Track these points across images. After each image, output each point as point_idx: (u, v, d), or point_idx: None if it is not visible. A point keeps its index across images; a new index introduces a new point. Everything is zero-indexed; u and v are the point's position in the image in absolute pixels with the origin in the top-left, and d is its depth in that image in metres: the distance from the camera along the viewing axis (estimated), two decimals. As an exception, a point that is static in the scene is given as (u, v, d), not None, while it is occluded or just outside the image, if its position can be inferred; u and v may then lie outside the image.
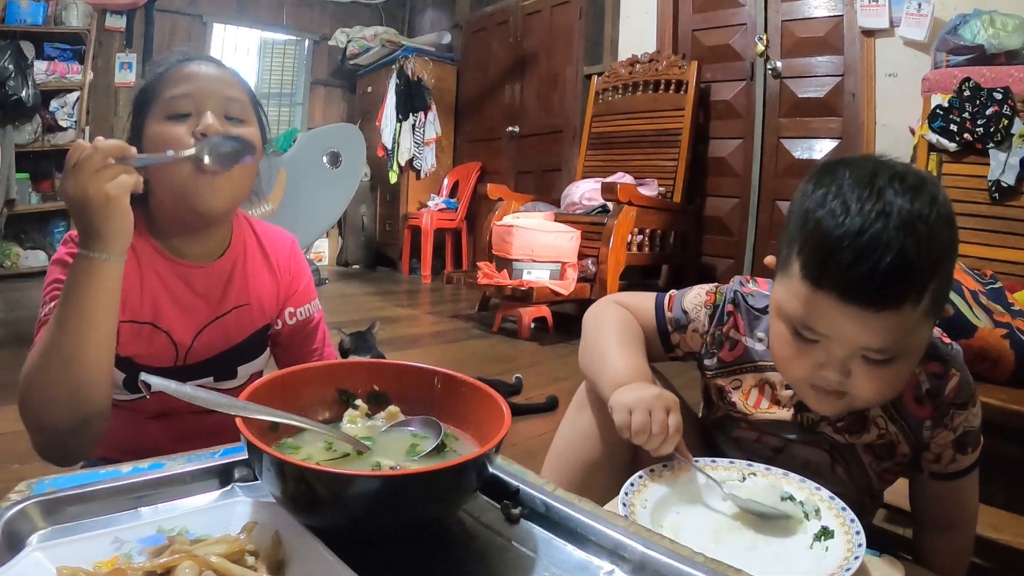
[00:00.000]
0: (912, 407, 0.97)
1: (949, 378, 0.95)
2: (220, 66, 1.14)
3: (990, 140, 2.30)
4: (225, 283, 1.19)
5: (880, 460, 1.01)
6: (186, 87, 1.07)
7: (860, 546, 0.76)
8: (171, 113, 1.06)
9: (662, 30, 4.53)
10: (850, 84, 3.64)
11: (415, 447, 0.76)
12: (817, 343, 0.86)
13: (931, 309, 0.82)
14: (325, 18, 7.07)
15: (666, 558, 0.63)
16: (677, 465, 0.93)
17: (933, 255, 0.79)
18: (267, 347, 1.29)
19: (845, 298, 0.79)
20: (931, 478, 1.00)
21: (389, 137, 5.97)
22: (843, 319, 0.81)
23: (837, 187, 0.82)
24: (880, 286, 0.78)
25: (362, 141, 5.38)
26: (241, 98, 1.13)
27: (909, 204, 0.78)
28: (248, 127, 1.12)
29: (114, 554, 0.59)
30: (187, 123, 1.06)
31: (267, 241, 1.28)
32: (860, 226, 0.78)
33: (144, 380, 0.72)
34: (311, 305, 1.32)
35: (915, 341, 0.85)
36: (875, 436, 0.99)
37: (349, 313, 4.20)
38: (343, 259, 6.83)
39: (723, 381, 1.09)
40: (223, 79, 1.12)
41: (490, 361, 3.19)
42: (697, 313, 1.10)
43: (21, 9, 5.00)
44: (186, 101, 1.06)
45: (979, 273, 1.83)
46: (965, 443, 0.97)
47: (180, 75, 1.08)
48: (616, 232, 3.56)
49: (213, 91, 1.08)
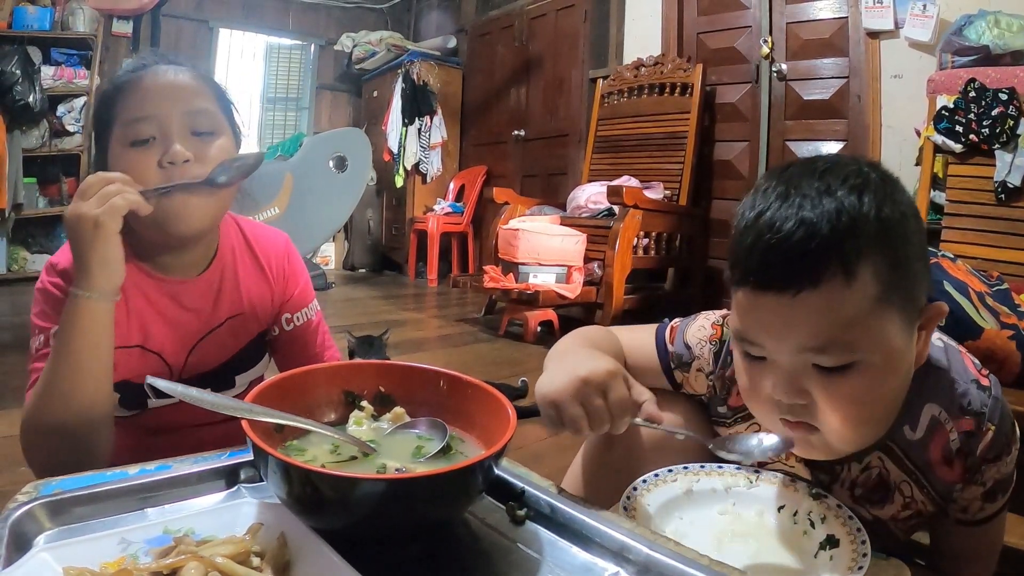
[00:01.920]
0: (941, 471, 0.85)
1: (983, 435, 0.83)
2: (181, 71, 1.05)
3: (996, 141, 2.30)
4: (216, 294, 1.15)
5: (907, 523, 0.92)
6: (146, 107, 1.00)
7: (865, 556, 0.74)
8: (134, 139, 0.99)
9: (667, 33, 4.53)
10: (855, 86, 3.63)
11: (420, 449, 0.76)
12: (764, 360, 0.77)
13: (883, 297, 0.71)
14: (331, 23, 7.10)
15: (671, 560, 0.63)
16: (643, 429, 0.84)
17: (852, 227, 0.69)
18: (266, 353, 1.26)
19: (757, 286, 0.72)
20: (957, 523, 0.90)
21: (395, 141, 5.98)
22: (766, 313, 0.73)
23: (755, 190, 0.77)
24: (784, 262, 0.70)
25: (368, 145, 5.40)
26: (207, 107, 1.05)
27: (826, 186, 0.71)
28: (218, 137, 1.05)
29: (120, 555, 0.60)
30: (152, 150, 0.99)
31: (258, 244, 1.23)
32: (760, 210, 0.72)
33: (150, 383, 0.72)
34: (309, 309, 1.27)
35: (869, 340, 0.72)
36: (900, 507, 0.88)
37: (356, 317, 4.20)
38: (349, 263, 6.84)
39: (739, 429, 0.97)
40: (185, 89, 1.03)
41: (496, 365, 3.19)
42: (701, 349, 0.99)
43: (28, 15, 5.04)
44: (148, 125, 0.99)
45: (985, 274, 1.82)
46: (995, 492, 0.87)
47: (138, 92, 1.01)
48: (622, 235, 3.56)
49: (175, 108, 1.01)
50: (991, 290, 1.74)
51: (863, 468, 0.88)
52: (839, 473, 0.90)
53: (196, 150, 1.01)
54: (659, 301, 3.99)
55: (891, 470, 0.87)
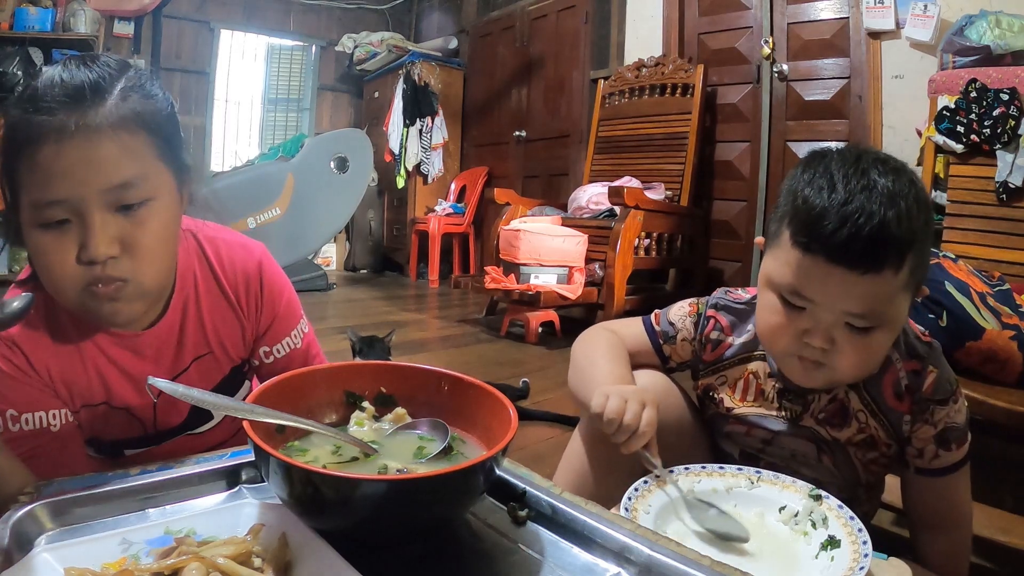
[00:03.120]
0: (892, 401, 1.01)
1: (926, 375, 0.99)
2: (92, 137, 0.80)
3: (997, 141, 2.29)
4: (177, 337, 1.02)
5: (864, 451, 1.04)
6: (56, 190, 0.80)
7: (866, 556, 0.75)
8: (44, 221, 0.82)
9: (668, 34, 4.52)
10: (856, 86, 3.63)
11: (422, 449, 0.76)
12: (804, 311, 0.92)
13: (909, 282, 0.89)
14: (332, 24, 7.10)
15: (672, 560, 0.63)
16: (642, 464, 0.94)
17: (911, 228, 0.85)
18: (245, 381, 1.16)
19: (832, 260, 0.86)
20: (916, 474, 1.02)
21: (396, 142, 5.98)
22: (830, 281, 0.87)
23: (824, 168, 0.90)
24: (863, 249, 0.84)
25: (369, 146, 5.40)
26: (133, 176, 0.83)
27: (891, 183, 0.86)
28: (150, 204, 0.86)
29: (122, 555, 0.60)
30: (68, 236, 0.82)
31: (223, 271, 1.06)
32: (846, 197, 0.86)
33: (152, 384, 0.72)
34: (292, 336, 1.13)
35: (894, 312, 0.90)
36: (856, 430, 1.03)
37: (357, 318, 4.20)
38: (351, 264, 6.84)
39: (709, 380, 1.15)
40: (102, 163, 0.81)
41: (497, 365, 3.19)
42: (683, 323, 1.17)
43: (29, 16, 5.03)
44: (60, 209, 0.81)
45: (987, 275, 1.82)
46: (948, 439, 0.99)
47: (46, 169, 0.79)
48: (623, 236, 3.56)
49: (92, 190, 0.81)
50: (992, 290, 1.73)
51: (831, 399, 1.03)
52: (810, 403, 1.04)
53: (123, 234, 0.84)
54: (660, 302, 3.94)
55: (852, 399, 1.02)
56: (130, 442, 1.06)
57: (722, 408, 1.12)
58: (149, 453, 1.07)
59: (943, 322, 1.67)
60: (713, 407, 1.14)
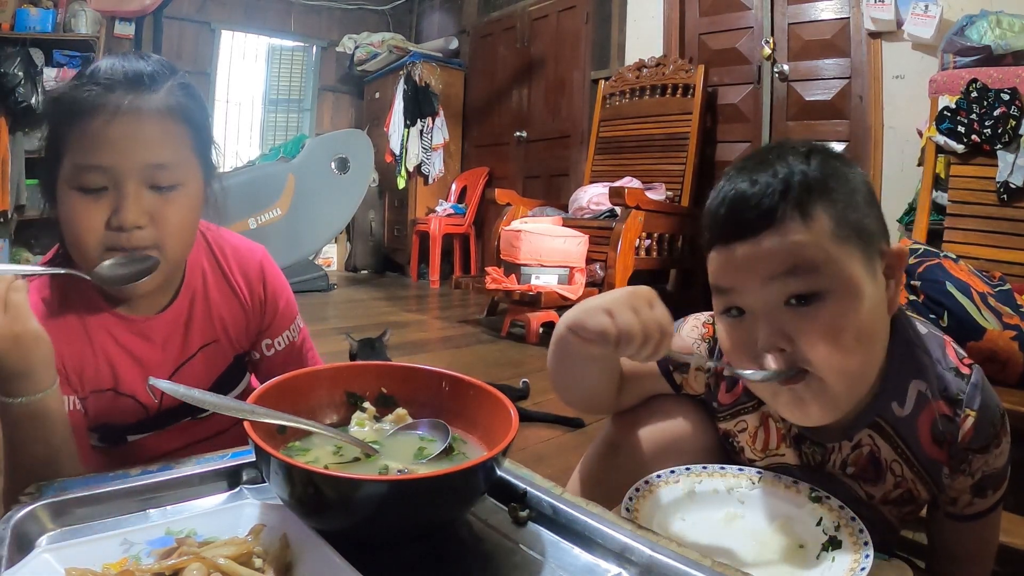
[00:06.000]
0: (929, 448, 0.88)
1: (961, 421, 0.86)
2: (145, 113, 0.91)
3: (998, 141, 2.30)
4: (185, 325, 1.07)
5: (900, 507, 0.93)
6: (99, 155, 0.88)
7: (868, 557, 0.75)
8: (83, 186, 0.89)
9: (669, 34, 4.53)
10: (857, 86, 3.63)
11: (423, 450, 0.76)
12: (744, 314, 0.83)
13: (838, 229, 0.78)
14: (333, 24, 7.10)
15: (673, 561, 0.63)
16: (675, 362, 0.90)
17: (804, 173, 0.79)
18: (246, 372, 1.21)
19: (728, 239, 0.81)
20: (947, 517, 0.92)
21: (397, 143, 5.98)
22: (735, 259, 0.80)
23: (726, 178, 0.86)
24: (745, 209, 0.79)
25: (370, 147, 5.40)
26: (171, 158, 0.93)
27: (771, 155, 0.82)
28: (182, 189, 0.95)
29: (123, 556, 0.60)
30: (102, 203, 0.89)
31: (230, 265, 1.13)
32: (723, 184, 0.84)
33: (153, 384, 0.72)
34: (291, 330, 1.19)
35: (834, 267, 0.77)
36: (892, 485, 0.90)
37: (358, 318, 4.20)
38: (351, 264, 6.85)
39: (727, 425, 1.01)
40: (147, 139, 0.90)
41: (498, 366, 3.19)
42: (697, 348, 1.01)
43: (30, 16, 5.04)
44: (99, 175, 0.89)
45: (988, 275, 1.82)
46: (984, 487, 0.88)
47: (90, 134, 0.88)
48: (624, 236, 3.56)
49: (132, 161, 0.89)
50: (993, 291, 1.74)
51: (854, 447, 0.90)
52: (830, 452, 0.92)
53: (153, 209, 0.92)
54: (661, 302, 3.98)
55: (882, 447, 0.89)
56: (133, 427, 1.07)
57: (743, 458, 1.00)
58: (151, 439, 1.09)
59: (944, 322, 1.67)
60: (735, 455, 1.02)
